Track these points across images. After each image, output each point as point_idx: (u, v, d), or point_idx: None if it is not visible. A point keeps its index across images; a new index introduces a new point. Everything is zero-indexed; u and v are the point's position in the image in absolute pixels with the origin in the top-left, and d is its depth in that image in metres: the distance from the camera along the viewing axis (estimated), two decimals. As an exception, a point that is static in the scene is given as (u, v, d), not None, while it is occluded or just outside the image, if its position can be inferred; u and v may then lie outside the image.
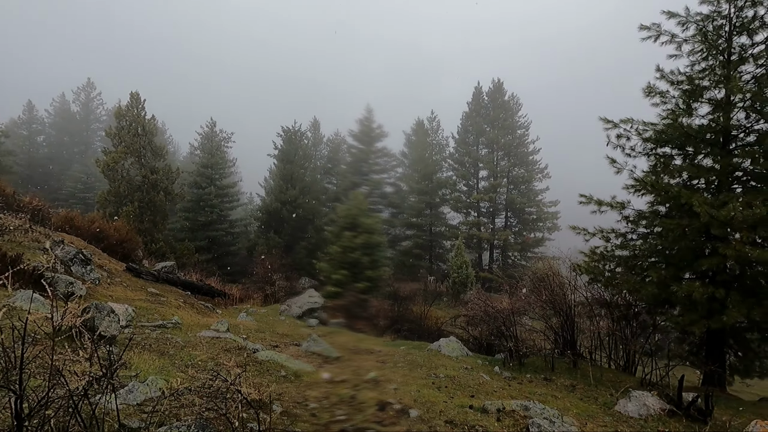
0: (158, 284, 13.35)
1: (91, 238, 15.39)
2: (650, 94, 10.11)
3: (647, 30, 10.02)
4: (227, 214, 34.77)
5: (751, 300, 8.14)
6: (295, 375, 5.80)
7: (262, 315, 14.03)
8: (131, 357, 5.06)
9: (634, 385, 7.95)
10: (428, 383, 6.87)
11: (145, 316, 8.38)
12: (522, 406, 5.15)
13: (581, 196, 10.29)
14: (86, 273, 10.10)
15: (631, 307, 9.84)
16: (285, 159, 32.50)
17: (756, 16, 8.86)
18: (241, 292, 19.37)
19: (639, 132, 10.01)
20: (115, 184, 24.26)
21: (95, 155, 34.88)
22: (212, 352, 6.13)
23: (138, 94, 25.96)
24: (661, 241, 9.55)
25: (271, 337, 9.13)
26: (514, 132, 36.32)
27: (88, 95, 55.59)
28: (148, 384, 4.17)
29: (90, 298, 8.49)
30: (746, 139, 9.21)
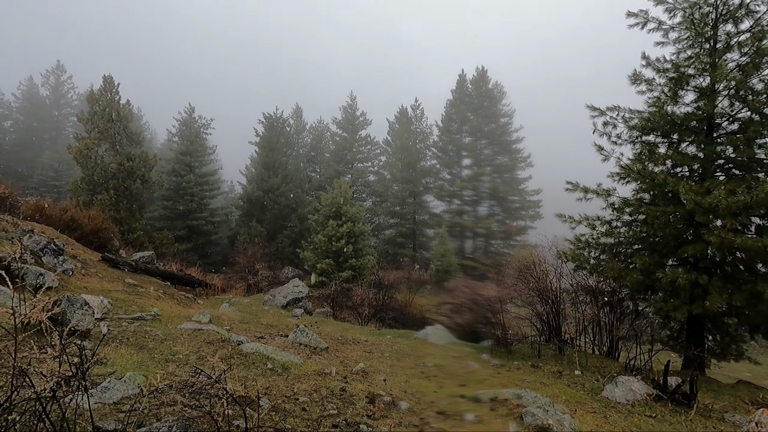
0: (136, 275, 12.90)
1: (63, 228, 14.73)
2: (636, 82, 10.10)
3: (635, 17, 9.97)
4: (207, 203, 33.93)
5: (732, 286, 8.32)
6: (283, 367, 5.62)
7: (246, 305, 13.75)
8: (107, 352, 4.78)
9: (618, 370, 8.07)
10: (417, 373, 6.80)
11: (123, 308, 8.03)
12: (514, 394, 5.10)
13: (568, 183, 10.28)
14: (58, 264, 9.62)
15: (615, 294, 9.95)
16: (267, 146, 31.78)
17: (742, 3, 8.88)
18: (223, 282, 18.97)
19: (625, 120, 10.02)
20: (89, 172, 23.27)
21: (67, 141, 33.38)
22: (194, 346, 5.88)
23: (111, 78, 24.82)
24: (645, 228, 9.63)
25: (255, 328, 8.90)
26: (498, 120, 36.39)
27: (58, 78, 53.11)
28: (125, 381, 3.93)
29: (62, 290, 8.08)
30: (730, 128, 9.31)
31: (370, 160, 39.12)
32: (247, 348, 6.13)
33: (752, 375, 13.31)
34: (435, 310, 20.47)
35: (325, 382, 5.27)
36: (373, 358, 7.64)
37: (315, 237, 22.83)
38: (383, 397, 5.00)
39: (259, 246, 25.21)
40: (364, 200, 37.13)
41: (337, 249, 21.66)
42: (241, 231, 29.59)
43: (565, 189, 10.44)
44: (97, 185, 23.26)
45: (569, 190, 10.29)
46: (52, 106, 52.79)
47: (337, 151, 38.17)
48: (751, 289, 7.82)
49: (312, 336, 7.81)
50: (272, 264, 24.21)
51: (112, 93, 24.67)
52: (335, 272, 20.36)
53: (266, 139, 32.07)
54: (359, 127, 38.04)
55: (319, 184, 36.85)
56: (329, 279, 19.56)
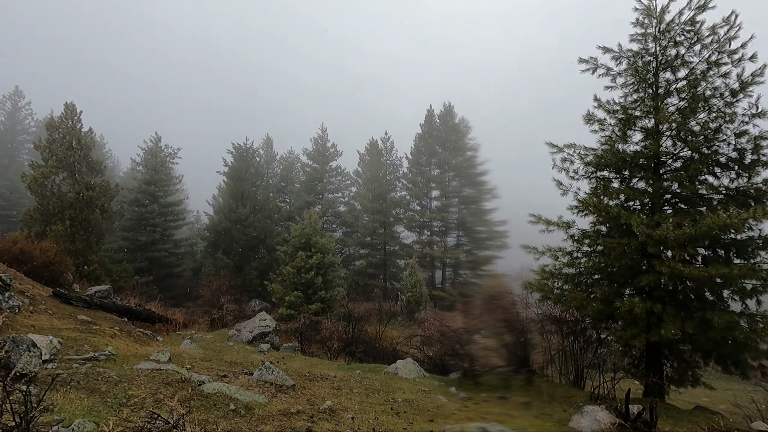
0: (90, 311, 12.16)
1: (11, 261, 13.84)
2: (590, 122, 10.83)
3: (585, 63, 10.80)
4: (171, 234, 32.84)
5: (684, 314, 8.76)
6: (246, 408, 5.39)
7: (209, 341, 13.17)
8: (55, 398, 4.47)
9: (584, 399, 8.20)
10: (386, 409, 6.68)
11: (74, 348, 7.54)
12: (480, 428, 5.10)
13: (531, 216, 10.70)
14: (3, 300, 8.98)
15: (579, 323, 10.24)
16: (236, 176, 31.41)
17: (678, 54, 9.83)
18: (185, 317, 18.11)
19: (581, 156, 10.64)
20: (44, 201, 22.14)
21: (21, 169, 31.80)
22: (151, 387, 5.58)
23: (74, 105, 24.16)
24: (603, 259, 10.08)
25: (218, 366, 8.53)
26: (464, 153, 37.65)
27: (15, 104, 51.12)
28: (73, 429, 3.68)
29: (7, 329, 7.53)
30: (674, 165, 10.06)
31: (340, 190, 39.31)
32: (209, 388, 5.87)
33: (710, 400, 13.80)
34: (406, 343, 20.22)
35: (290, 423, 5.09)
36: (342, 395, 7.46)
37: (284, 268, 22.41)
38: (351, 437, 4.88)
39: (225, 278, 24.43)
40: (335, 231, 37.00)
41: (307, 281, 21.31)
42: (207, 263, 28.67)
43: (528, 221, 10.86)
44: (52, 215, 22.13)
45: (532, 222, 10.70)
46: (6, 132, 50.48)
47: (308, 182, 38.18)
48: (701, 317, 8.26)
49: (278, 373, 7.56)
50: (238, 297, 23.43)
51: (74, 120, 23.96)
52: (304, 305, 19.94)
53: (235, 169, 31.74)
54: (330, 158, 38.37)
55: (288, 215, 36.51)
56: (297, 312, 19.10)
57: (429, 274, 35.83)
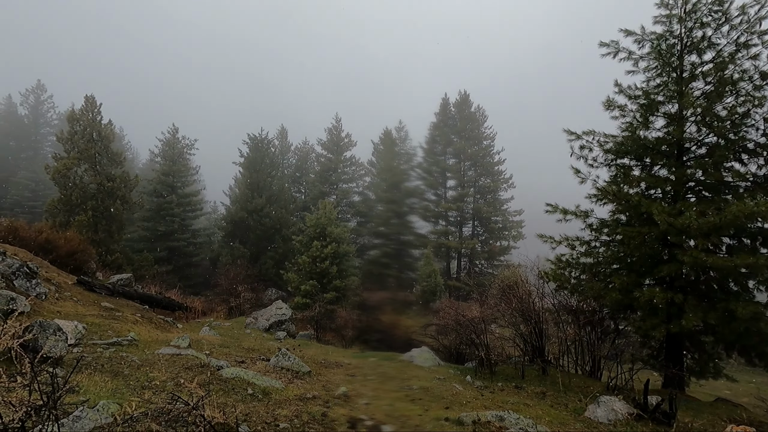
0: (113, 298, 12.53)
1: (38, 250, 14.30)
2: (610, 108, 10.54)
3: (606, 47, 10.48)
4: (189, 224, 33.45)
5: (706, 304, 8.54)
6: (263, 393, 5.50)
7: (227, 329, 13.44)
8: (80, 380, 4.62)
9: (600, 390, 8.11)
10: (401, 396, 6.72)
11: (98, 333, 7.78)
12: (497, 416, 5.09)
13: (547, 205, 10.53)
14: (31, 287, 9.31)
15: (596, 313, 10.10)
16: (251, 167, 31.70)
17: (704, 36, 9.45)
18: (203, 305, 18.53)
19: (600, 143, 10.39)
20: (67, 192, 22.77)
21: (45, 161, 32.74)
22: (172, 372, 5.72)
23: (93, 98, 24.65)
24: (622, 249, 9.88)
25: (236, 353, 8.70)
26: (481, 143, 37.15)
27: (37, 98, 52.40)
28: (98, 410, 3.80)
29: (35, 315, 7.80)
30: (698, 152, 9.74)
31: (354, 180, 39.33)
32: (227, 373, 6.00)
33: (731, 393, 13.53)
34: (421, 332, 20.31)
35: (306, 407, 5.17)
36: (356, 382, 7.54)
37: (299, 258, 22.65)
38: (365, 422, 4.93)
39: (242, 267, 24.83)
40: (349, 220, 37.12)
41: (322, 270, 21.50)
42: (224, 252, 29.15)
43: (545, 210, 10.69)
44: (75, 206, 22.75)
45: (549, 211, 10.54)
46: (30, 125, 51.88)
47: (322, 172, 38.29)
48: (725, 308, 8.05)
49: (294, 360, 7.68)
50: (255, 286, 23.82)
51: (94, 113, 24.45)
52: (319, 294, 20.15)
53: (251, 160, 32.02)
54: (344, 148, 38.35)
55: (303, 205, 36.77)
56: (313, 300, 19.33)
57: (444, 264, 35.74)
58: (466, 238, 36.46)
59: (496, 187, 36.25)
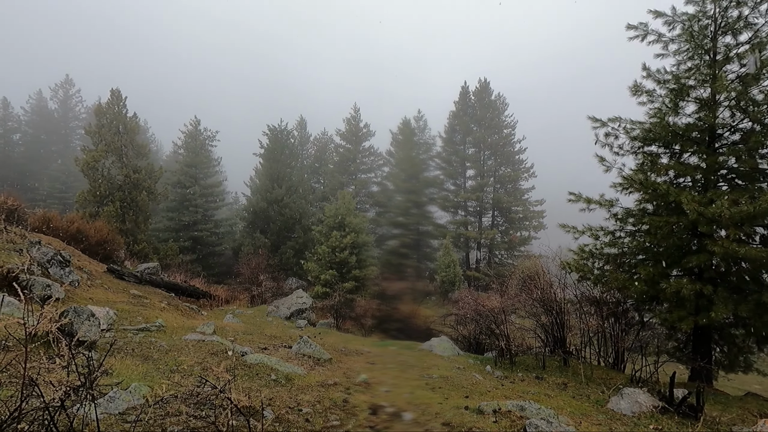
0: (141, 286, 12.97)
1: (70, 239, 14.89)
2: (637, 93, 10.19)
3: (634, 29, 10.09)
4: (212, 214, 34.16)
5: (737, 296, 8.26)
6: (286, 378, 5.63)
7: (249, 316, 13.76)
8: (113, 363, 4.82)
9: (623, 382, 7.99)
10: (422, 384, 6.77)
11: (128, 319, 8.08)
12: (518, 406, 5.07)
13: (570, 194, 10.32)
14: (65, 275, 9.71)
15: (620, 305, 9.90)
16: (271, 158, 32.06)
17: (740, 16, 8.99)
18: (226, 293, 19.00)
19: (627, 130, 10.07)
20: (96, 184, 23.55)
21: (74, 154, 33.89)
22: (199, 356, 5.91)
23: (119, 92, 25.28)
24: (649, 239, 9.61)
25: (259, 340, 8.91)
26: (501, 131, 36.54)
27: (66, 92, 54.08)
28: (130, 391, 3.96)
29: (69, 301, 8.16)
30: (731, 138, 9.34)
31: (373, 170, 39.35)
32: (251, 359, 6.15)
33: (762, 387, 13.12)
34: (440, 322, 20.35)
35: (328, 393, 5.27)
36: (376, 370, 7.62)
37: (318, 248, 22.90)
38: (386, 408, 4.99)
39: (263, 257, 25.28)
40: (368, 211, 37.24)
41: (341, 260, 21.70)
42: (245, 242, 29.70)
43: (567, 200, 10.48)
44: (104, 197, 23.52)
45: (572, 200, 10.33)
46: (60, 119, 53.65)
47: (341, 162, 38.44)
48: (757, 300, 7.77)
49: (315, 347, 7.81)
50: (276, 275, 24.25)
51: (120, 106, 25.09)
52: (339, 283, 20.37)
53: (270, 151, 32.37)
54: (363, 138, 38.35)
55: (322, 195, 37.04)
56: (333, 290, 19.56)
57: (463, 254, 35.56)
58: (486, 228, 36.12)
59: (517, 177, 35.67)
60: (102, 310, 7.36)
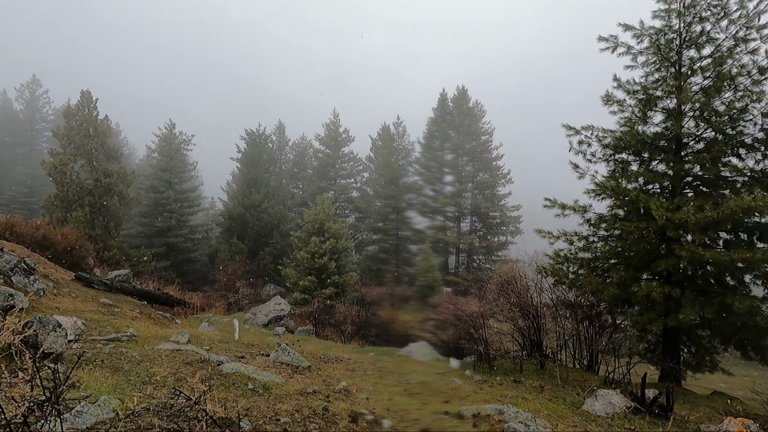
0: (111, 294, 12.51)
1: (35, 246, 14.26)
2: (608, 102, 10.54)
3: (605, 41, 10.45)
4: (187, 220, 33.37)
5: (703, 298, 8.60)
6: (264, 387, 5.52)
7: (226, 324, 13.46)
8: (81, 375, 4.63)
9: (598, 383, 8.18)
10: (400, 390, 6.76)
11: (97, 329, 7.78)
12: (497, 410, 5.13)
13: (546, 200, 10.54)
14: (29, 283, 9.28)
15: (594, 308, 10.15)
16: (249, 163, 31.61)
17: (703, 31, 9.44)
18: (202, 301, 18.54)
19: (599, 138, 10.40)
20: (64, 188, 22.68)
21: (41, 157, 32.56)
22: (172, 367, 5.74)
23: (89, 93, 24.49)
24: (620, 243, 9.92)
25: (236, 348, 8.72)
26: (479, 138, 37.15)
27: (33, 93, 51.98)
28: (99, 405, 3.81)
29: (34, 311, 7.78)
30: (696, 147, 9.76)
31: (353, 176, 39.29)
32: (228, 368, 6.01)
33: (727, 386, 13.66)
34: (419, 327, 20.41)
35: (307, 402, 5.19)
36: (356, 376, 7.57)
37: (297, 254, 22.65)
38: (366, 416, 4.96)
39: (240, 263, 24.83)
40: (347, 216, 37.12)
41: (320, 266, 21.52)
42: (222, 248, 29.12)
43: (543, 205, 10.70)
44: (72, 202, 22.66)
45: (547, 206, 10.55)
46: (26, 120, 51.49)
47: (320, 168, 38.24)
48: (721, 302, 8.11)
49: (294, 355, 7.70)
50: (253, 281, 23.84)
51: (90, 108, 24.31)
52: (318, 289, 20.18)
53: (248, 156, 31.92)
54: (342, 143, 38.28)
55: (302, 201, 36.73)
56: (312, 296, 19.36)
57: (442, 259, 35.81)
58: (465, 233, 36.55)
59: (495, 183, 36.27)
60: (69, 320, 7.05)
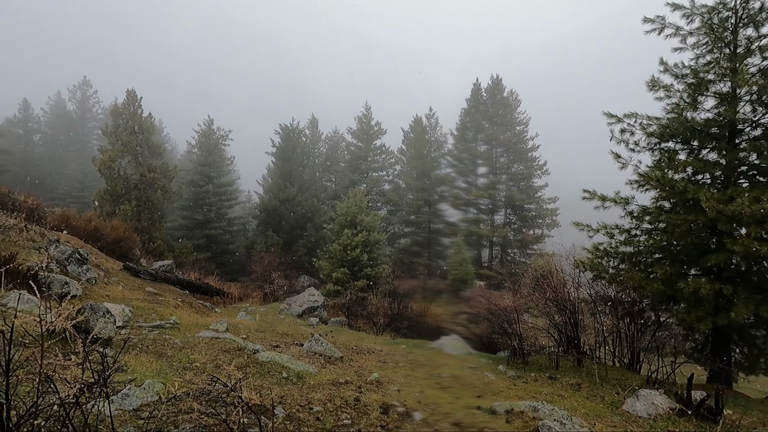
0: (156, 283, 13.18)
1: (87, 237, 15.20)
2: (654, 88, 9.95)
3: (651, 23, 9.85)
4: (225, 213, 34.55)
5: (759, 296, 8.03)
6: (297, 377, 5.65)
7: (262, 314, 13.88)
8: (128, 359, 4.90)
9: (639, 383, 7.84)
10: (432, 383, 6.75)
11: (143, 316, 8.22)
12: (531, 407, 5.01)
13: (584, 192, 10.14)
14: (82, 272, 9.92)
15: (636, 304, 9.71)
16: (283, 157, 32.26)
17: (763, 7, 8.69)
18: (239, 291, 19.21)
19: (643, 126, 9.85)
20: (112, 183, 24.01)
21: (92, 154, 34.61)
22: (211, 354, 5.97)
23: (134, 92, 25.70)
24: (666, 237, 9.40)
25: (271, 337, 8.98)
26: (514, 128, 36.17)
27: (84, 93, 55.20)
28: (144, 388, 4.02)
29: (86, 298, 8.32)
30: (753, 133, 9.06)
31: (384, 169, 39.29)
32: (263, 357, 6.19)
33: (784, 390, 12.76)
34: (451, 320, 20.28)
35: (339, 392, 5.28)
36: (388, 368, 7.62)
37: (330, 246, 22.97)
38: (397, 408, 4.98)
39: (276, 255, 25.48)
40: (379, 209, 37.24)
41: (353, 258, 21.73)
42: (258, 240, 29.97)
43: (582, 197, 10.30)
44: (120, 196, 23.96)
45: (586, 198, 10.15)
46: (78, 120, 54.79)
47: (352, 161, 38.47)
48: (779, 300, 7.54)
49: (327, 345, 7.84)
50: (288, 273, 24.42)
51: (135, 106, 25.51)
52: (350, 281, 20.42)
53: (283, 150, 32.57)
54: (374, 136, 38.31)
55: (334, 194, 37.15)
56: (344, 288, 19.61)
57: (475, 252, 35.34)
58: (498, 226, 35.83)
59: (530, 174, 35.27)
60: (118, 308, 7.49)
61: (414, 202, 34.68)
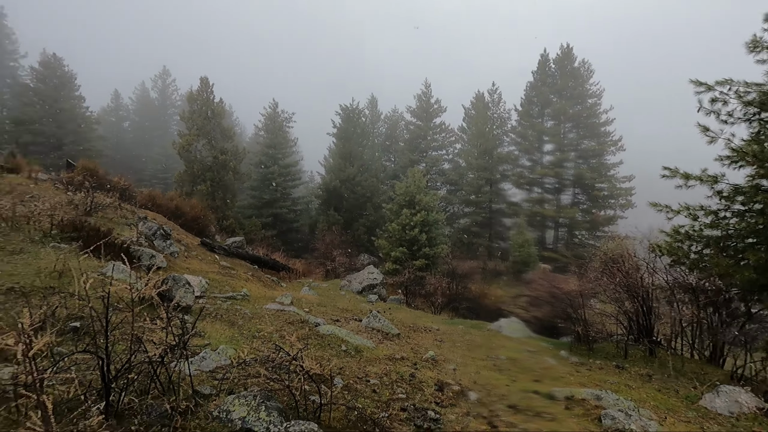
0: (229, 258, 14.24)
1: (170, 215, 16.72)
2: (756, 49, 8.70)
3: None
4: (290, 192, 36.13)
5: None
6: (356, 350, 5.89)
7: (324, 289, 14.52)
8: (204, 326, 5.40)
9: (721, 378, 7.20)
10: (488, 365, 6.70)
11: (217, 288, 8.96)
12: (594, 395, 4.82)
13: (665, 169, 9.26)
14: (166, 247, 10.97)
15: (722, 293, 8.81)
16: (343, 137, 32.85)
17: None
18: (303, 267, 20.18)
19: (739, 94, 8.70)
20: (190, 165, 26.04)
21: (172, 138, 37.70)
22: (277, 325, 6.40)
23: (207, 79, 27.35)
24: (762, 220, 8.35)
25: (332, 312, 9.39)
26: (584, 101, 33.62)
27: (164, 82, 59.75)
28: (218, 353, 4.42)
29: (169, 269, 9.23)
30: None
31: (444, 147, 38.61)
32: (324, 330, 6.52)
33: None
34: (511, 302, 19.81)
35: (395, 367, 5.43)
36: (444, 347, 7.68)
37: (389, 225, 23.24)
38: (452, 386, 5.03)
39: (337, 233, 26.31)
40: (439, 189, 36.84)
41: (411, 237, 21.85)
42: (320, 219, 31.10)
43: (661, 175, 9.42)
44: (197, 177, 25.94)
45: (666, 176, 9.26)
46: (159, 106, 59.61)
47: (412, 140, 38.19)
48: None
49: (384, 322, 8.05)
50: (349, 251, 25.16)
51: (208, 92, 27.18)
52: (409, 260, 20.60)
53: (343, 130, 33.13)
54: (433, 114, 37.63)
55: (393, 173, 37.29)
56: (403, 267, 19.85)
57: (539, 234, 33.86)
58: (565, 206, 33.93)
59: (602, 151, 32.77)
60: (196, 279, 8.23)
61: (474, 181, 33.82)
